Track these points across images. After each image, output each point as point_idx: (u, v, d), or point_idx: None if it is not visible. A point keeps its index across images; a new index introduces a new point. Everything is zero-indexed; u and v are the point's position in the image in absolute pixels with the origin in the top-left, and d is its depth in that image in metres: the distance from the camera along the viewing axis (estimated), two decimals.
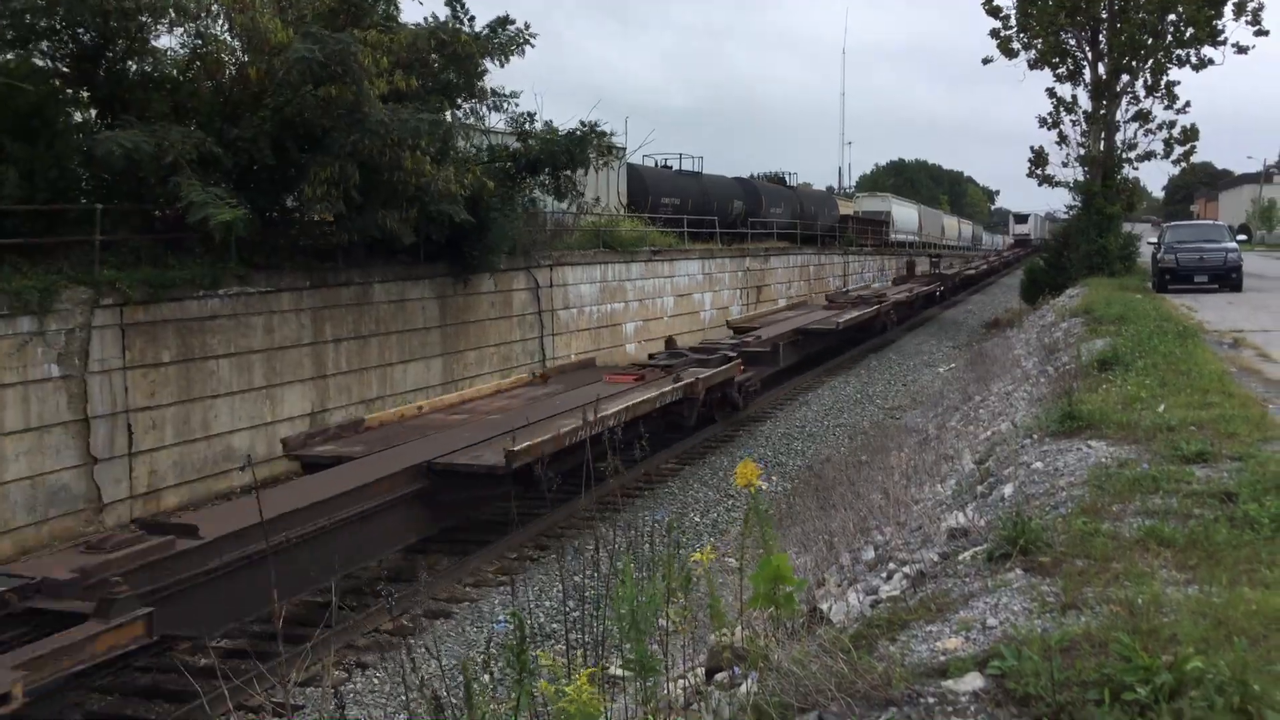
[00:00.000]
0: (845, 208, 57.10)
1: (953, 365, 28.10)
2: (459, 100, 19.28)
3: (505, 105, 20.05)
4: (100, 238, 13.59)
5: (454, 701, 4.08)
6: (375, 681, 10.04)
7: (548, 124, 21.35)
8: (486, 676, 9.10)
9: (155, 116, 14.64)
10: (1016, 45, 33.92)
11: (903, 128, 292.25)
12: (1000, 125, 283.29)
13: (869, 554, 7.44)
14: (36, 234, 13.26)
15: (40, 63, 14.83)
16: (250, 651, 8.97)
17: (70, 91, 15.47)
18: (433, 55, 17.61)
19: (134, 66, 15.69)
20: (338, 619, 9.96)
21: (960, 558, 5.32)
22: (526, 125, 21.19)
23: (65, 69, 15.10)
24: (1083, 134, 33.87)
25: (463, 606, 11.93)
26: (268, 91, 15.54)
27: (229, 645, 10.05)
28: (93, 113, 15.94)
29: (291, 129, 15.58)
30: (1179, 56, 32.45)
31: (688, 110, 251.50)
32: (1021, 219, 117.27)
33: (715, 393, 19.07)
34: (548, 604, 11.73)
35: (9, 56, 14.42)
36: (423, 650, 10.34)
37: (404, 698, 9.10)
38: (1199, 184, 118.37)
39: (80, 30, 14.68)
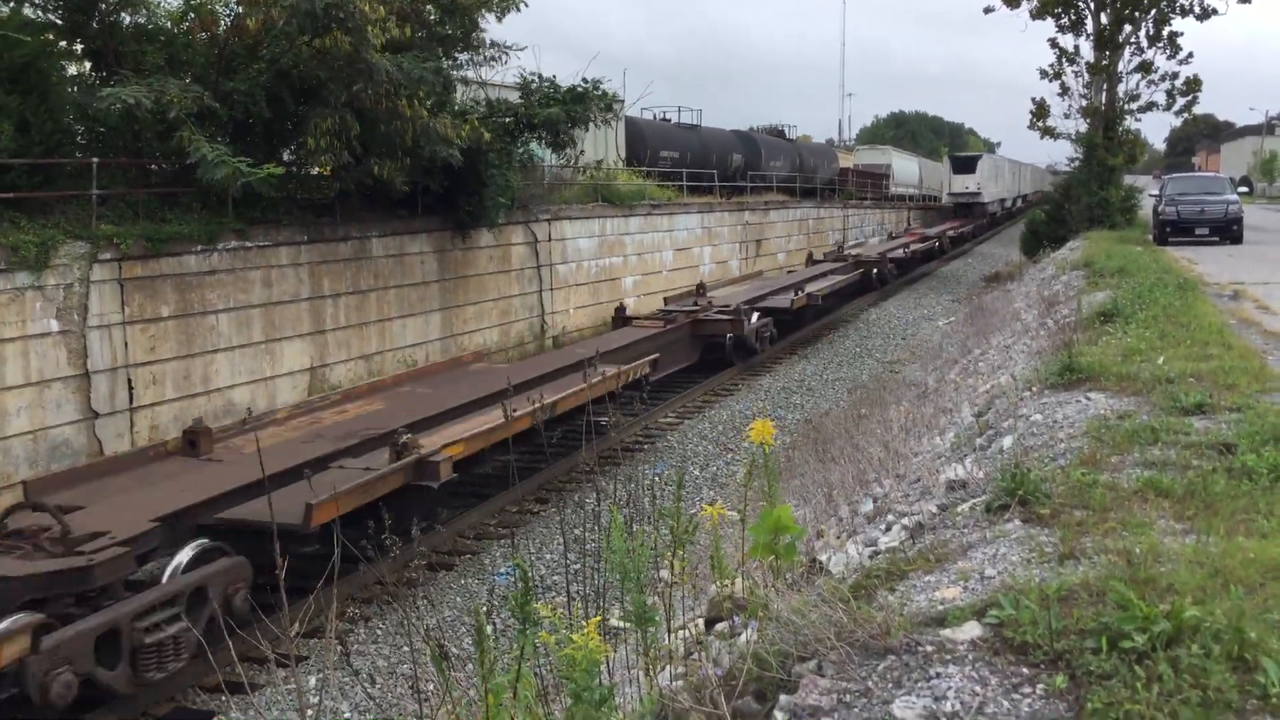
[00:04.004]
0: (845, 160, 56.68)
1: (952, 319, 28.10)
2: (456, 53, 19.07)
3: (505, 58, 19.77)
4: (97, 192, 13.50)
5: (456, 651, 4.13)
6: (379, 632, 10.15)
7: (551, 80, 21.12)
8: (489, 627, 9.18)
9: (149, 70, 14.50)
10: None
11: (903, 80, 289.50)
12: (1002, 77, 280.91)
13: (868, 506, 7.49)
14: (32, 188, 13.17)
15: (32, 14, 14.66)
16: (253, 603, 9.04)
17: (64, 44, 15.30)
18: (429, 7, 17.38)
19: (127, 19, 15.51)
20: (340, 571, 10.03)
21: (959, 509, 5.35)
22: (533, 84, 20.95)
23: (58, 21, 14.93)
24: (1085, 85, 33.64)
25: (464, 559, 12.04)
26: (263, 43, 15.38)
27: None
28: (87, 65, 15.78)
29: (287, 81, 15.43)
30: (1182, 6, 32.16)
31: (672, 62, 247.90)
32: (965, 164, 63.65)
33: None
34: (548, 556, 11.82)
35: (2, 9, 14.26)
36: (425, 602, 10.43)
37: (408, 648, 9.20)
38: (1201, 136, 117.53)
39: None
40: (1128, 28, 32.77)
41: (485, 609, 3.58)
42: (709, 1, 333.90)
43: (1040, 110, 34.44)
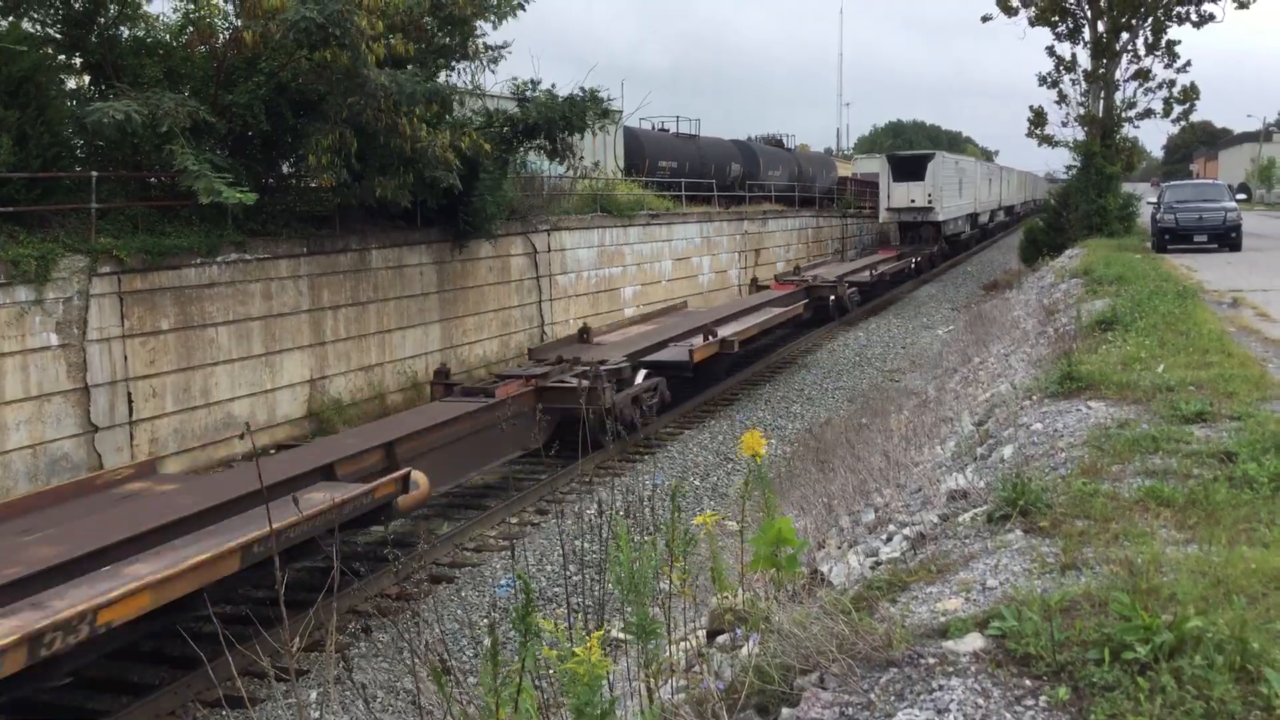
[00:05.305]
0: (843, 169, 56.71)
1: (951, 328, 28.10)
2: (453, 62, 19.10)
3: (499, 59, 19.73)
4: (96, 205, 13.52)
5: (456, 666, 4.11)
6: (379, 645, 10.11)
7: (548, 91, 21.16)
8: (488, 640, 9.14)
9: (148, 83, 14.53)
10: (1016, 2, 33.64)
11: (901, 88, 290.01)
12: (1000, 85, 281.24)
13: (869, 516, 7.47)
14: (31, 201, 13.17)
15: (31, 28, 14.69)
16: (252, 617, 9.02)
17: (62, 58, 15.34)
18: (428, 19, 17.41)
19: (126, 32, 15.55)
20: (341, 584, 10.01)
21: (960, 519, 5.34)
22: (528, 93, 20.97)
23: (57, 35, 14.96)
24: (1082, 93, 33.70)
25: (465, 571, 12.01)
26: (262, 56, 15.41)
27: (231, 611, 10.12)
28: (86, 79, 15.81)
29: (286, 94, 15.46)
30: (1179, 14, 32.20)
31: (667, 69, 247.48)
32: (909, 167, 43.34)
33: None
34: (549, 568, 11.80)
35: (1, 23, 14.29)
36: (425, 616, 10.41)
37: (408, 662, 9.16)
38: (1198, 143, 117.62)
39: None
40: (1125, 35, 32.84)
41: (489, 624, 3.57)
42: (703, 7, 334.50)
43: (1038, 118, 34.50)
